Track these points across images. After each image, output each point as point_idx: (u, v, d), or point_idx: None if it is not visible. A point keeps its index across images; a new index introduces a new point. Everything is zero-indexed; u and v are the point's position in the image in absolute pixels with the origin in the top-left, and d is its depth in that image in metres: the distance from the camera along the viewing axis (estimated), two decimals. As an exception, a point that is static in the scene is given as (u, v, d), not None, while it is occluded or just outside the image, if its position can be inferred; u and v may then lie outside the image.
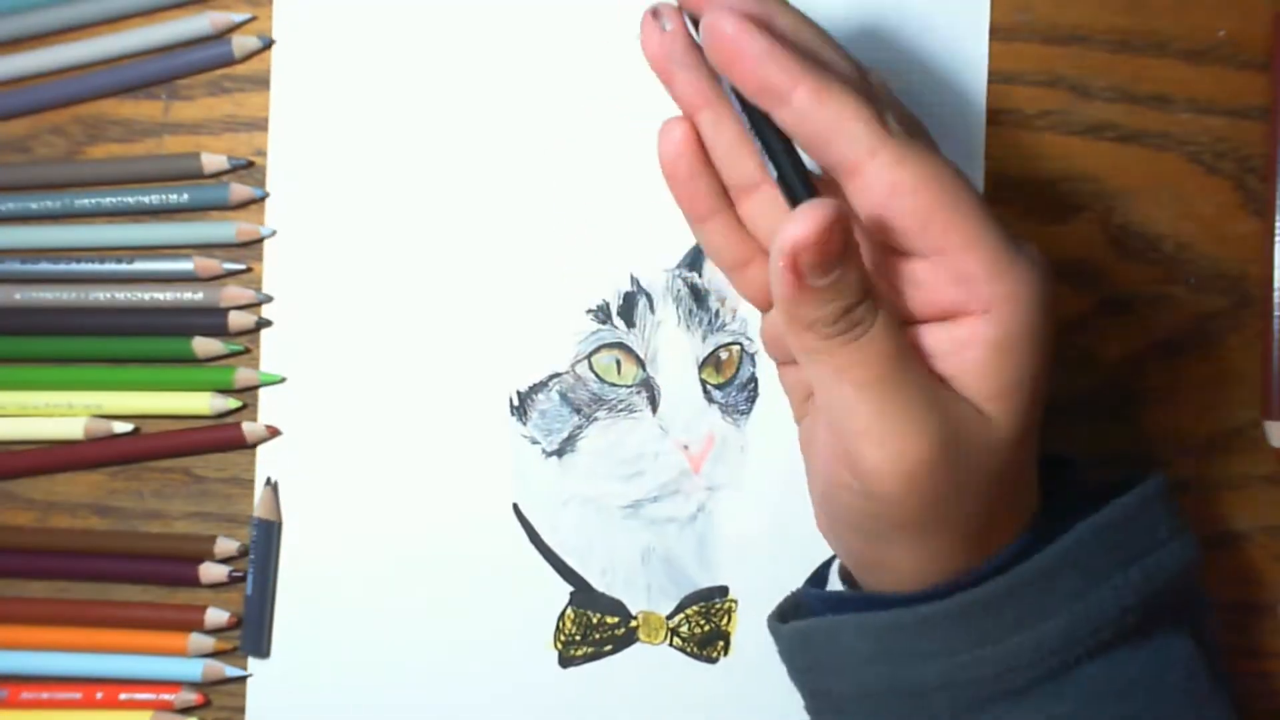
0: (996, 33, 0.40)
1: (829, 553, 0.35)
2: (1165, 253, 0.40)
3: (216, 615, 0.41)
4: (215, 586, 0.41)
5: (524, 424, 0.41)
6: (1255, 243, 0.40)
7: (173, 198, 0.41)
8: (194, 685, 0.41)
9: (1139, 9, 0.40)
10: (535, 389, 0.41)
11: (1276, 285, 0.40)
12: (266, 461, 0.41)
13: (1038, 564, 0.30)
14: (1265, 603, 0.41)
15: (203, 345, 0.41)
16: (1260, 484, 0.40)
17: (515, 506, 0.41)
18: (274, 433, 0.41)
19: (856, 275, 0.27)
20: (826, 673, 0.33)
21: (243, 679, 0.41)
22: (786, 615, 0.35)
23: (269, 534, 0.41)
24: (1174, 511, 0.32)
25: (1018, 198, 0.40)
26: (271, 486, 0.41)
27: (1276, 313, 0.40)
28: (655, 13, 0.29)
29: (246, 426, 0.41)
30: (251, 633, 0.41)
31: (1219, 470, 0.40)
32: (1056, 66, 0.40)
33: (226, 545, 0.41)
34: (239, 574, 0.41)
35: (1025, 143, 0.40)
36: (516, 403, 0.41)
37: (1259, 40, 0.40)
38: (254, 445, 0.41)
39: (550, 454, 0.41)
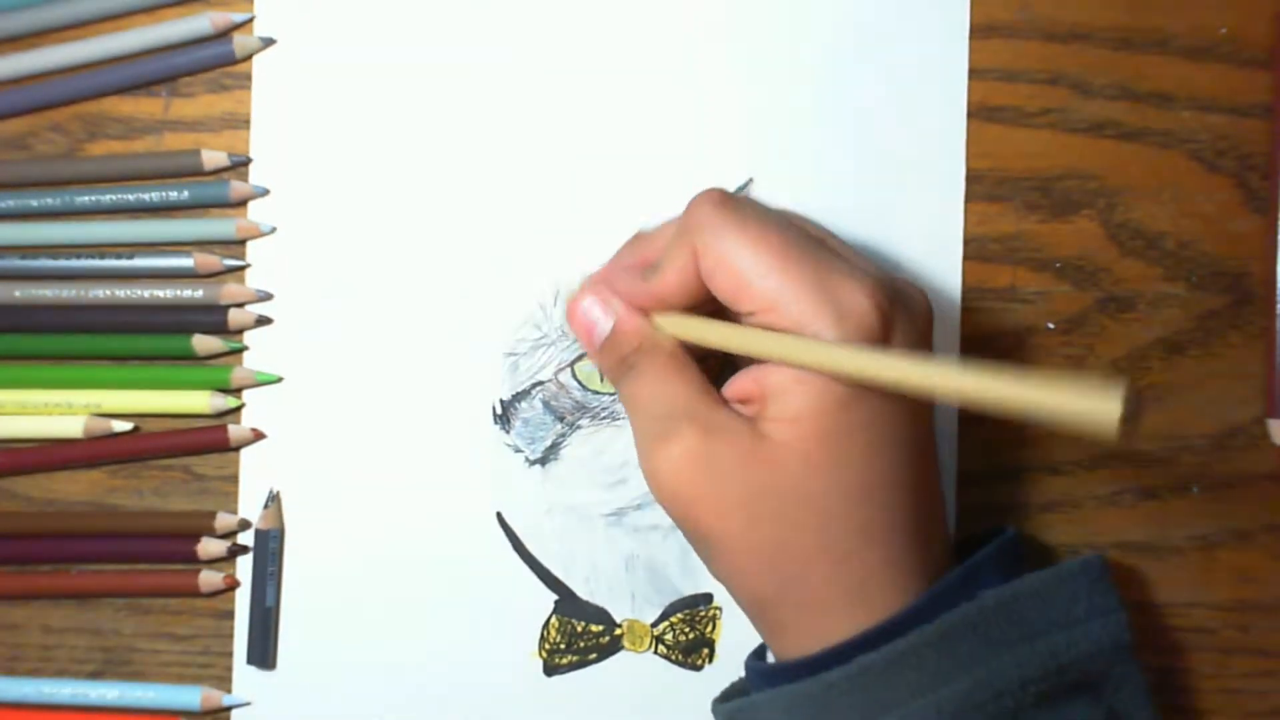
0: (997, 30, 0.40)
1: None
2: (1166, 250, 0.40)
3: (211, 577, 0.41)
4: (214, 562, 0.41)
5: (507, 432, 0.41)
6: (1257, 240, 0.40)
7: (173, 195, 0.41)
8: (191, 715, 0.41)
9: (1140, 6, 0.40)
10: (518, 397, 0.41)
11: (1278, 283, 0.40)
12: (250, 462, 0.41)
13: (939, 627, 0.31)
14: (1267, 602, 0.40)
15: (202, 343, 0.41)
16: (1262, 482, 0.40)
17: (499, 515, 0.41)
18: (259, 435, 0.41)
19: (621, 339, 0.34)
20: None
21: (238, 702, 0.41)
22: (729, 694, 0.36)
23: (274, 543, 0.41)
24: (1101, 592, 0.33)
25: (1018, 195, 0.40)
26: (275, 498, 0.41)
27: (1278, 310, 0.40)
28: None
29: (232, 429, 0.40)
30: (257, 644, 0.41)
31: (1221, 468, 0.40)
32: (1058, 64, 0.40)
33: (227, 519, 0.41)
34: (238, 548, 0.41)
35: (1026, 140, 0.40)
36: (500, 411, 0.41)
37: (1260, 38, 0.40)
38: (238, 448, 0.41)
39: (533, 462, 0.41)
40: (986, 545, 0.34)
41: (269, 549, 0.40)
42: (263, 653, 0.40)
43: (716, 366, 0.36)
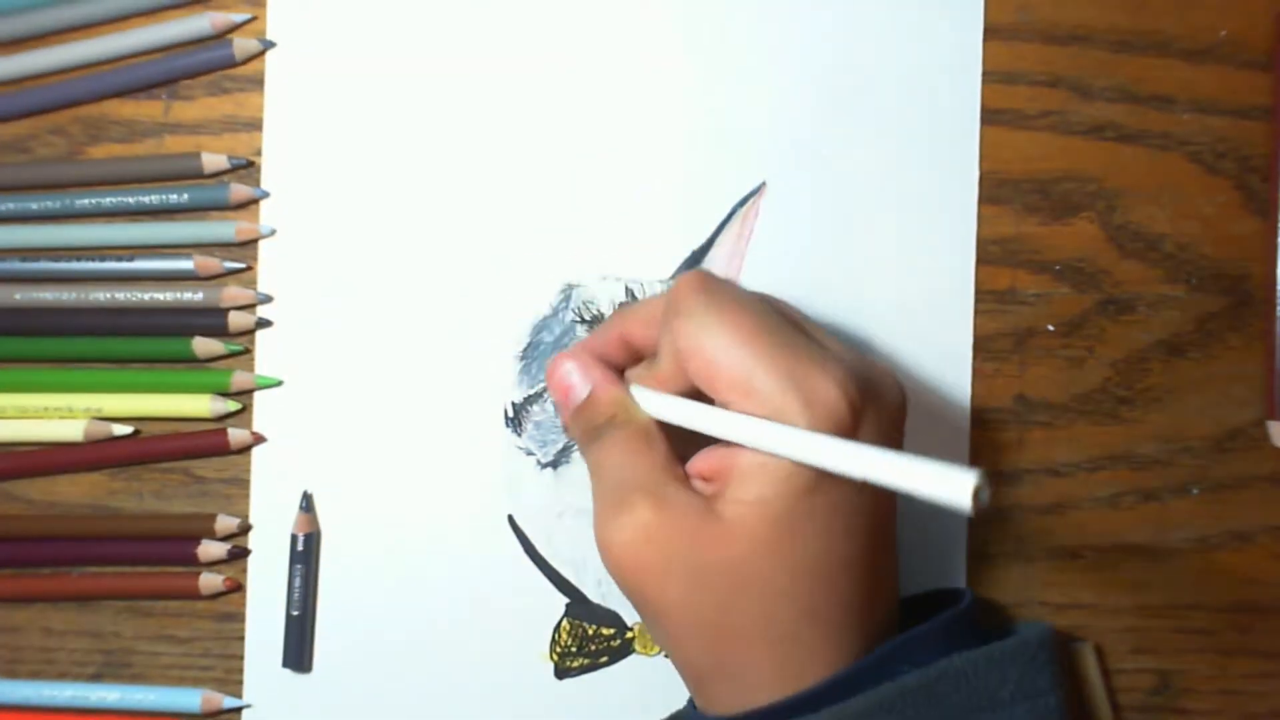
0: (997, 32, 0.40)
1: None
2: (1166, 252, 0.40)
3: (211, 579, 0.41)
4: (215, 564, 0.41)
5: (519, 435, 0.41)
6: (1256, 242, 0.40)
7: (172, 198, 0.41)
8: (192, 717, 0.41)
9: (1140, 9, 0.40)
10: (530, 400, 0.41)
11: (1278, 285, 0.40)
12: (260, 466, 0.41)
13: (855, 706, 0.31)
14: (1267, 603, 0.40)
15: (203, 345, 0.41)
16: (1262, 484, 0.40)
17: (510, 518, 0.41)
18: (258, 439, 0.41)
19: (594, 408, 0.35)
20: None
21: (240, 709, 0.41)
22: None
23: (308, 547, 0.41)
24: (1034, 672, 0.32)
25: (1018, 197, 0.40)
26: (308, 499, 0.41)
27: (1278, 313, 0.40)
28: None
29: (232, 433, 0.40)
30: (293, 648, 0.41)
31: (1221, 470, 0.40)
32: (1057, 66, 0.40)
33: (227, 522, 0.41)
34: (238, 551, 0.41)
35: (1026, 142, 0.40)
36: (511, 414, 0.41)
37: (1260, 40, 0.40)
38: (238, 452, 0.41)
39: (545, 465, 0.41)
40: (940, 613, 0.33)
41: (308, 550, 0.40)
42: (298, 656, 0.40)
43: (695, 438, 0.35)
